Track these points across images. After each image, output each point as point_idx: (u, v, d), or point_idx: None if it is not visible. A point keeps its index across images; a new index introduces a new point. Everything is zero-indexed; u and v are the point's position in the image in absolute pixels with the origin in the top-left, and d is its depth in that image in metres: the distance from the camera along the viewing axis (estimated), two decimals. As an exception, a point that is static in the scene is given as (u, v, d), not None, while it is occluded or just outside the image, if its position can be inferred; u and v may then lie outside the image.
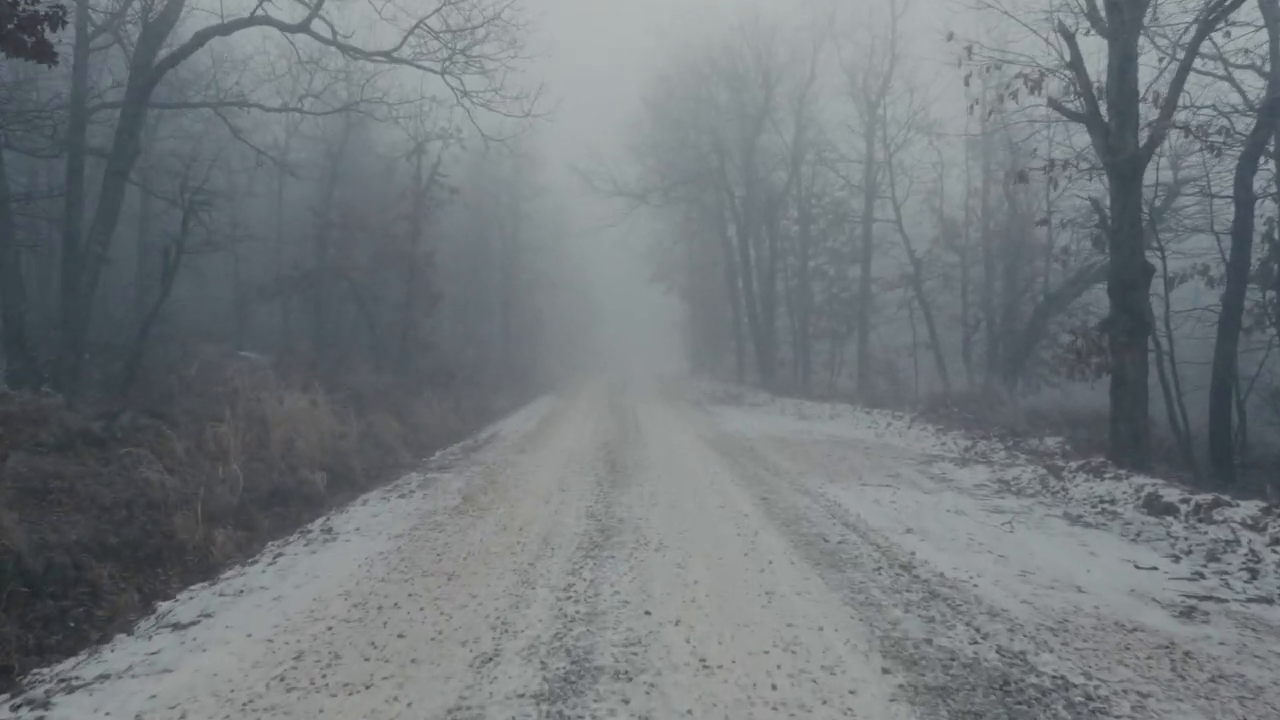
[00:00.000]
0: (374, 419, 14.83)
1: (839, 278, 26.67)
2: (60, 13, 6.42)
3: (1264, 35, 11.08)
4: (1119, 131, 9.17)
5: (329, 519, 8.70)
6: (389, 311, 21.43)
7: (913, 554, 6.49)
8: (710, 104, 28.00)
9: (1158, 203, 13.79)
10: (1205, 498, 7.41)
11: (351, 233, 19.19)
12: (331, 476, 11.09)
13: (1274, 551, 6.35)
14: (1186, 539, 6.98)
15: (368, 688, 4.07)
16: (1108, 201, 10.60)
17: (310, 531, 8.13)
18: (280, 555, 7.08)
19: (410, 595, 5.60)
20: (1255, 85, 12.10)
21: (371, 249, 20.04)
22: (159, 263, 13.68)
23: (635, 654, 4.40)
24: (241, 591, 5.91)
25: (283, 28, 12.02)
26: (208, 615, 5.36)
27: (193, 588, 6.30)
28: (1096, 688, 3.99)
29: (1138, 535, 7.24)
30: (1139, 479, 8.64)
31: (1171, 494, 7.87)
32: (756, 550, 6.61)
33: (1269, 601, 5.41)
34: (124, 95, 11.85)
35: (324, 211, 18.76)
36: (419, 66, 12.91)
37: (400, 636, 4.77)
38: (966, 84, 9.92)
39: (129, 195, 18.49)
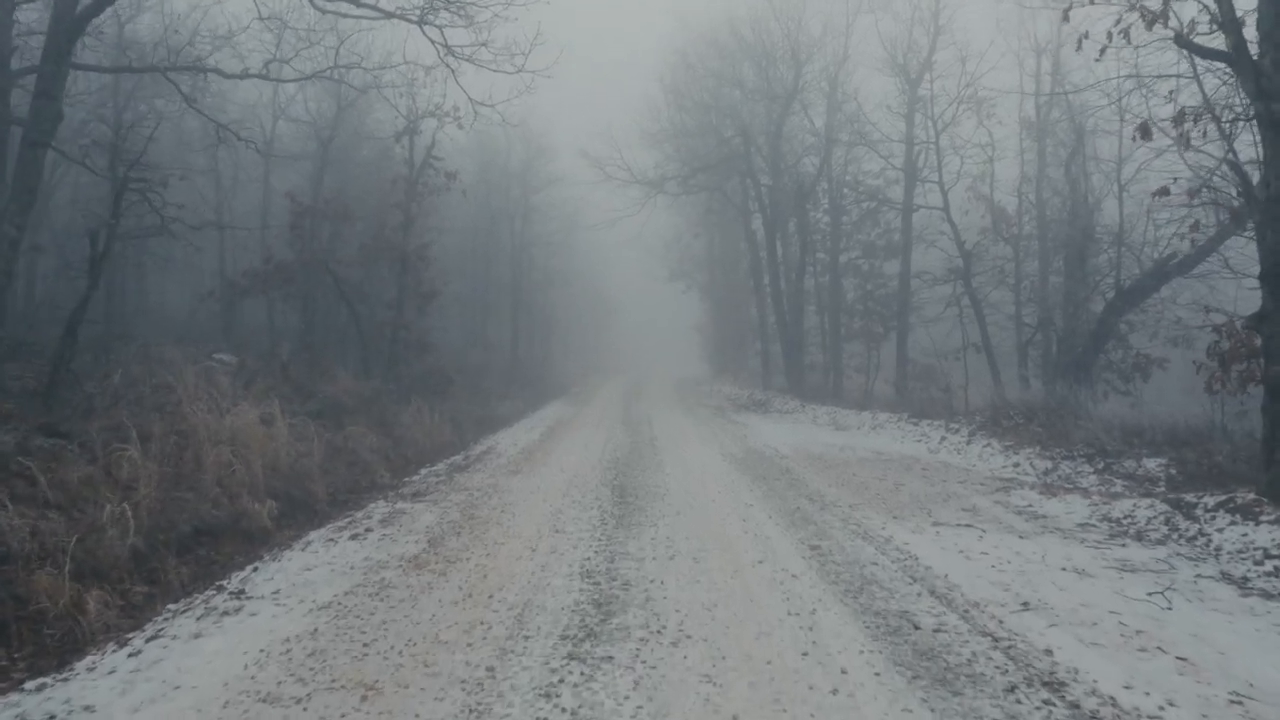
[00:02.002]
0: (352, 432, 12.97)
1: (874, 274, 24.48)
2: None
3: None
4: (1274, 72, 7.05)
5: (256, 569, 6.80)
6: (382, 310, 19.55)
7: (1051, 656, 4.42)
8: (734, 83, 25.85)
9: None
10: None
11: (335, 222, 17.27)
12: (287, 505, 9.25)
13: None
14: None
15: None
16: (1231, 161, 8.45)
17: (224, 589, 6.24)
18: (157, 637, 5.14)
19: (293, 735, 3.62)
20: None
21: (360, 240, 18.14)
22: (107, 251, 11.84)
23: None
24: (53, 717, 3.96)
25: (225, -34, 10.17)
26: (-39, 777, 3.40)
27: (25, 689, 4.42)
28: None
29: (1351, 615, 5.14)
30: (1313, 525, 6.52)
31: (1379, 551, 5.75)
32: (819, 645, 4.57)
33: None
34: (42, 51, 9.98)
35: (305, 198, 16.84)
36: (391, 15, 10.97)
37: None
38: (1066, 19, 7.86)
39: (93, 178, 16.75)
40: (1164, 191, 8.42)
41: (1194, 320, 15.93)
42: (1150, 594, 5.54)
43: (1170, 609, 5.25)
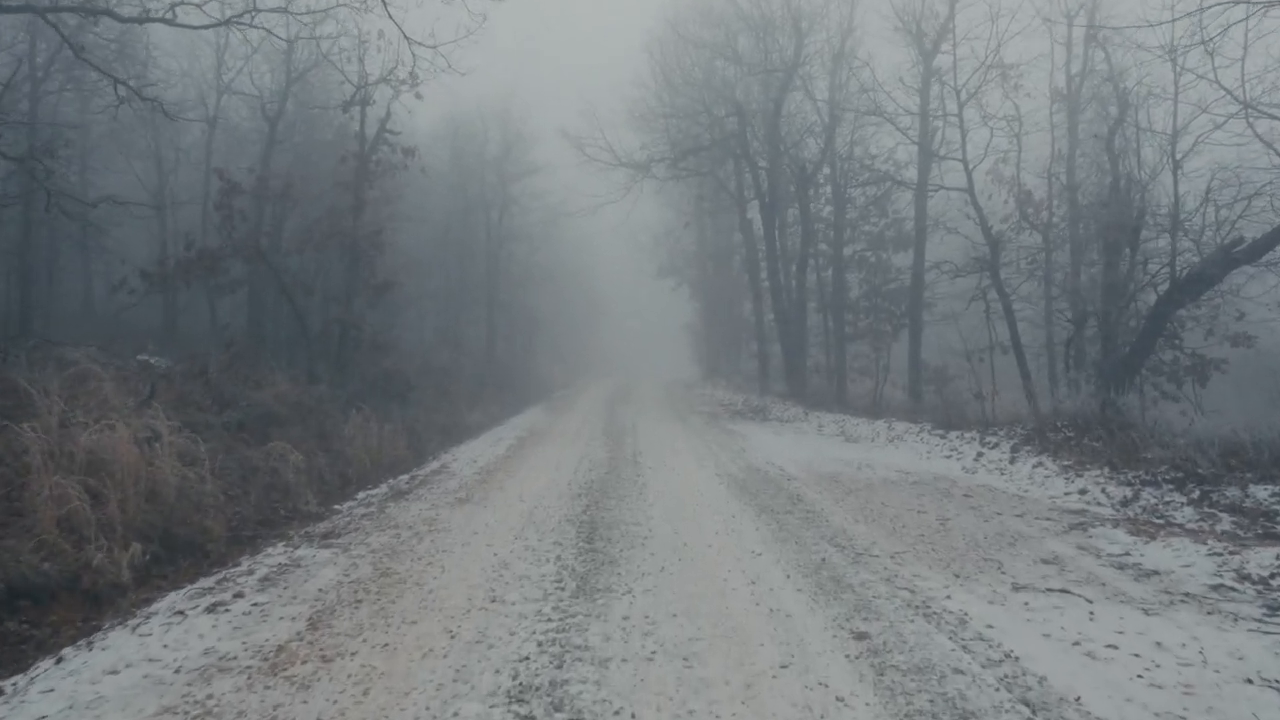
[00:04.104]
0: (275, 448, 10.77)
1: (881, 267, 22.36)
2: None
3: None
4: None
5: (60, 661, 4.76)
6: (334, 306, 17.37)
7: None
8: (729, 57, 23.63)
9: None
10: None
11: (278, 204, 15.06)
12: (166, 547, 7.25)
13: None
14: None
15: None
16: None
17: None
18: None
19: None
20: None
21: (305, 225, 15.92)
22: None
23: None
24: None
25: None
26: None
27: None
28: None
29: None
30: None
31: None
32: None
33: None
34: None
35: (239, 177, 14.62)
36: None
37: None
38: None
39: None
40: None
41: (1259, 315, 14.02)
42: None
43: None
